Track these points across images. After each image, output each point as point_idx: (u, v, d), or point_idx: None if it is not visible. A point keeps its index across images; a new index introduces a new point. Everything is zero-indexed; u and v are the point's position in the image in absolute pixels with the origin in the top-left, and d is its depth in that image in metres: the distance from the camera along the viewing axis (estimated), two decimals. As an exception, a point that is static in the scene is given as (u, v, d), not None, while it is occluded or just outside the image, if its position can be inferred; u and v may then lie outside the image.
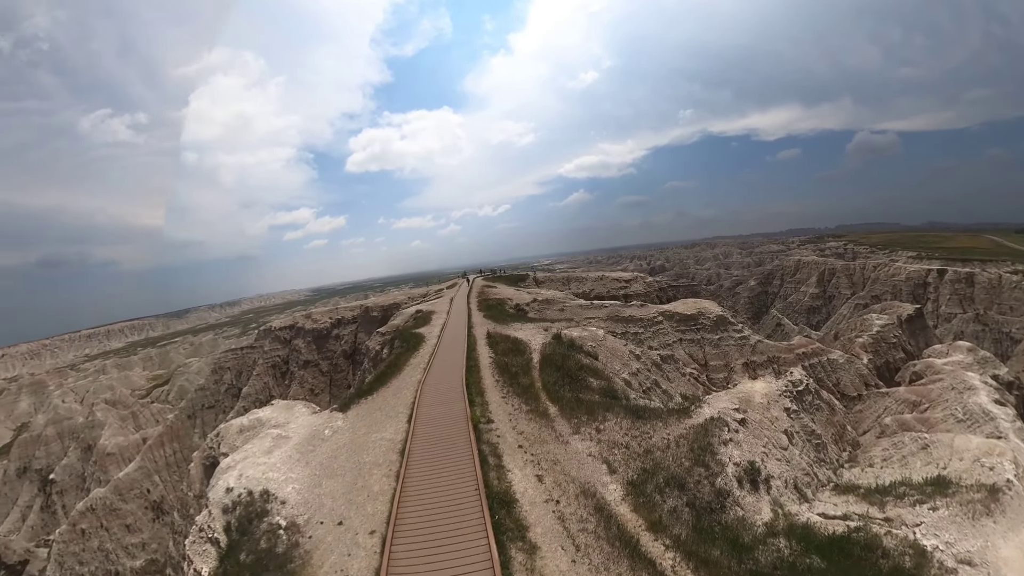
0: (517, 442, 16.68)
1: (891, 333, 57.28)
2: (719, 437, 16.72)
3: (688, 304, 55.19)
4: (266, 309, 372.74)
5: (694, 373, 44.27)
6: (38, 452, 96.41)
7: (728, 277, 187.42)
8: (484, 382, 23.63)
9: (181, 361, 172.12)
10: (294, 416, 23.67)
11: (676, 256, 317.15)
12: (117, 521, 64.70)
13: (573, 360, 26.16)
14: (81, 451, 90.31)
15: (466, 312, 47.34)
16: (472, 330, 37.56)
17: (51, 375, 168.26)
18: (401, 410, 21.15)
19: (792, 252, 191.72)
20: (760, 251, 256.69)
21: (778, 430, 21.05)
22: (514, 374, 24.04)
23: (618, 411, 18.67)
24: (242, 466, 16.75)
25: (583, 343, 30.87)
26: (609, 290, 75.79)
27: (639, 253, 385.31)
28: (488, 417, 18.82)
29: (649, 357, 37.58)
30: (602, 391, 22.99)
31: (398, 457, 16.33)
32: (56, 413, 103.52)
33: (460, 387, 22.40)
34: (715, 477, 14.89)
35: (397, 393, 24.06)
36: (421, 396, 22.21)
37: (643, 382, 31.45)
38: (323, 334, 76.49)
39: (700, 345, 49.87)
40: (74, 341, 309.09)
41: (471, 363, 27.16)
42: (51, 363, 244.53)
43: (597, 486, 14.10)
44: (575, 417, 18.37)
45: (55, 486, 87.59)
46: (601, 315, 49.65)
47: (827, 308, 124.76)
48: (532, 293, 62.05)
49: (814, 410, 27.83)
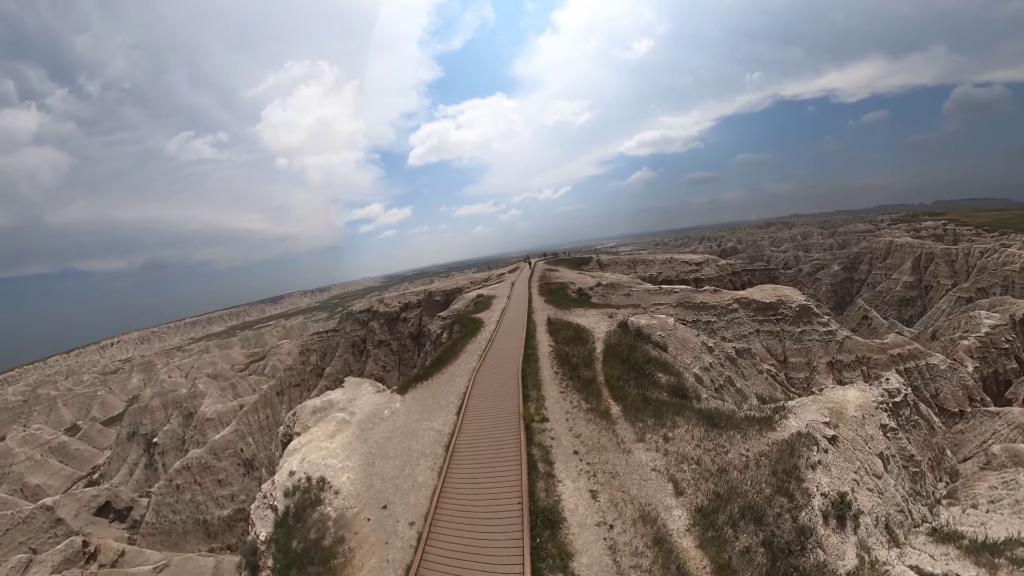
0: (572, 447, 15.03)
1: (1002, 337, 49.71)
2: (806, 459, 14.13)
3: (767, 291, 50.49)
4: (349, 295, 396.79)
5: (771, 370, 40.40)
6: (145, 419, 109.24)
7: (808, 261, 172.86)
8: (542, 374, 22.10)
9: (275, 342, 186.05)
10: (360, 394, 24.59)
11: (749, 237, 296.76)
12: (210, 477, 73.82)
13: (640, 351, 23.95)
14: (182, 418, 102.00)
15: (527, 297, 45.84)
16: (532, 316, 36.05)
17: (159, 355, 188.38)
18: (452, 399, 20.57)
19: (882, 233, 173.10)
20: (844, 231, 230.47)
21: (872, 452, 17.75)
22: (575, 366, 22.29)
23: (690, 416, 16.44)
24: (306, 450, 17.54)
25: (651, 332, 28.39)
26: (678, 274, 71.64)
27: (708, 234, 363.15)
28: (543, 415, 17.29)
29: (723, 350, 34.55)
30: (671, 389, 20.78)
31: (443, 452, 15.71)
32: (162, 386, 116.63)
33: (515, 379, 21.05)
34: (799, 510, 12.42)
35: (451, 380, 23.51)
36: (473, 386, 21.26)
37: (715, 379, 28.73)
38: (393, 317, 78.69)
39: (779, 338, 45.54)
40: (179, 328, 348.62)
41: (529, 352, 25.72)
42: (159, 347, 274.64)
43: (660, 510, 12.17)
44: (640, 420, 16.40)
45: (157, 448, 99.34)
46: (670, 301, 46.61)
47: (923, 300, 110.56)
48: (596, 277, 59.24)
49: (911, 427, 23.91)
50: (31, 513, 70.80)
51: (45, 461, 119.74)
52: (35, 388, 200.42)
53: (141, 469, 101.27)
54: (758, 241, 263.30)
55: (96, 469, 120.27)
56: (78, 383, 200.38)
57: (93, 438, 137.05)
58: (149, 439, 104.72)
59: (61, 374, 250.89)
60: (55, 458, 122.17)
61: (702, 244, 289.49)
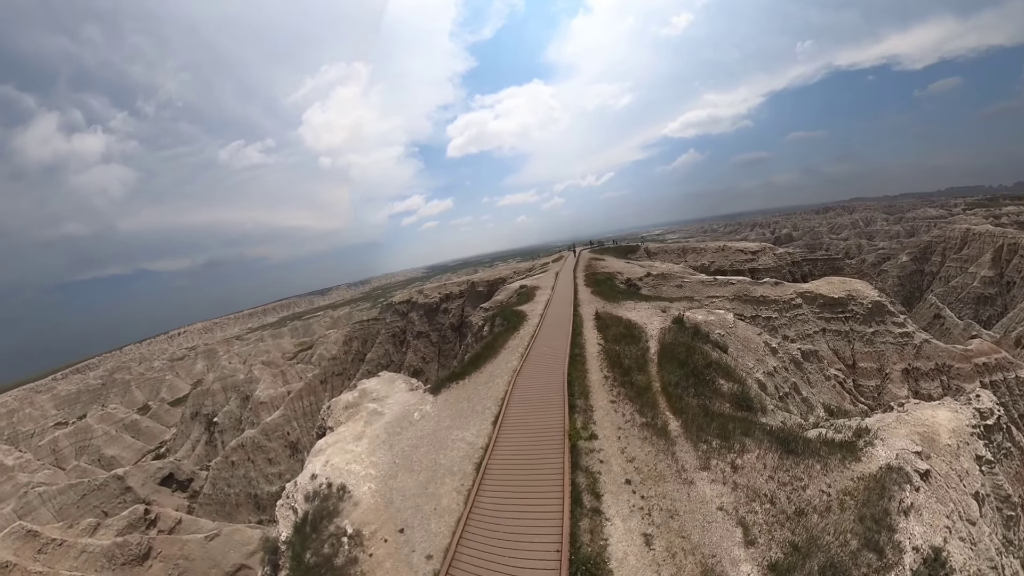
0: (624, 474, 12.83)
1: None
2: (898, 501, 11.47)
3: (834, 284, 45.71)
4: (391, 286, 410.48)
5: (839, 376, 36.48)
6: (207, 401, 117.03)
7: (872, 250, 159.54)
8: (590, 378, 19.76)
9: (322, 332, 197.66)
10: (393, 391, 23.49)
11: (805, 223, 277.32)
12: (261, 455, 79.28)
13: (699, 353, 21.31)
14: (240, 400, 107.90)
15: (572, 287, 43.12)
16: (578, 308, 33.53)
17: (220, 344, 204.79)
18: (489, 405, 18.71)
19: (956, 219, 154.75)
20: (912, 217, 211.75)
21: (967, 492, 14.71)
22: (627, 369, 19.84)
23: (760, 437, 13.91)
24: (331, 451, 16.80)
25: (710, 330, 25.56)
26: (732, 263, 67.01)
27: (760, 220, 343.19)
28: (591, 431, 15.07)
29: (787, 352, 31.35)
30: (735, 399, 18.22)
31: (472, 472, 13.86)
32: (222, 372, 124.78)
33: (560, 384, 18.80)
34: (888, 571, 9.96)
35: (489, 381, 21.60)
36: (513, 391, 19.22)
37: (780, 385, 25.66)
38: (433, 308, 77.98)
39: (848, 339, 41.24)
40: (238, 319, 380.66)
41: (575, 351, 23.34)
42: (220, 336, 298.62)
43: (726, 564, 9.89)
44: (703, 439, 14.01)
45: (217, 427, 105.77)
46: (726, 294, 43.10)
47: (1003, 299, 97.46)
48: (645, 266, 55.75)
49: (1002, 456, 20.52)
50: (104, 481, 78.26)
51: (119, 436, 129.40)
52: (112, 373, 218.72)
53: (202, 445, 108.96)
54: (815, 228, 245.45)
55: (163, 444, 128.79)
56: (149, 369, 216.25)
57: (161, 417, 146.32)
58: (210, 419, 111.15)
59: (135, 361, 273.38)
60: (128, 434, 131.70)
61: (754, 231, 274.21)
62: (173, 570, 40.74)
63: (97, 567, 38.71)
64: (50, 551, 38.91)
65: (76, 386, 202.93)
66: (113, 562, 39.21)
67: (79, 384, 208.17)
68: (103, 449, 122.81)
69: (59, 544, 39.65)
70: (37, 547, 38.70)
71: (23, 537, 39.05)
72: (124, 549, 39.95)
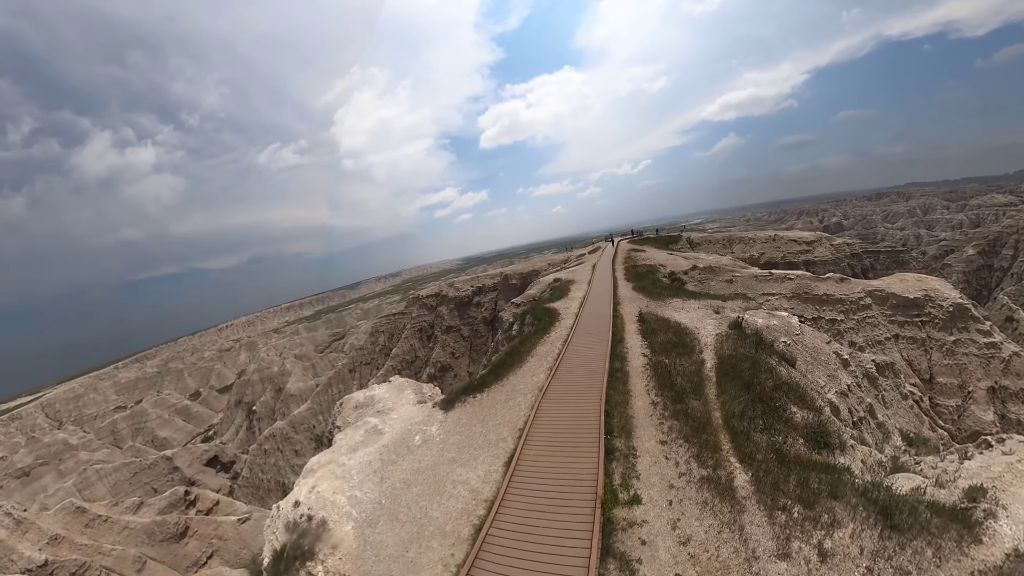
0: (675, 563, 9.13)
1: None
2: None
3: (908, 282, 39.66)
4: (423, 278, 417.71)
5: (914, 392, 31.18)
6: (247, 391, 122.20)
7: (932, 242, 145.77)
8: (633, 404, 15.72)
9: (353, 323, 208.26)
10: (400, 402, 21.16)
11: (856, 210, 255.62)
12: (289, 447, 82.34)
13: (765, 369, 17.24)
14: (274, 391, 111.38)
15: (611, 281, 38.45)
16: (618, 307, 29.08)
17: (261, 336, 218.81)
18: (504, 434, 15.30)
19: None
20: (977, 204, 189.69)
21: None
22: (679, 391, 15.87)
23: (851, 499, 10.06)
24: (321, 473, 15.12)
25: (774, 338, 21.16)
26: (784, 255, 60.63)
27: (807, 207, 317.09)
28: (632, 491, 11.24)
29: (860, 364, 26.46)
30: (810, 432, 14.16)
31: (469, 537, 10.59)
32: (260, 363, 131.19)
33: (595, 412, 14.84)
34: None
35: (510, 399, 18.14)
36: (536, 419, 15.47)
37: (854, 408, 20.99)
38: (464, 302, 75.02)
39: (925, 348, 35.50)
40: (277, 312, 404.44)
41: (616, 364, 19.06)
42: (261, 328, 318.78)
43: None
44: (780, 504, 10.18)
45: (255, 415, 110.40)
46: (784, 291, 37.81)
47: None
48: (690, 258, 50.21)
49: None
50: (154, 461, 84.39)
51: (171, 419, 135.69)
52: (167, 362, 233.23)
53: (244, 431, 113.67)
54: (868, 216, 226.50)
55: (211, 428, 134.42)
56: (200, 358, 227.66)
57: (210, 402, 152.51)
58: (249, 407, 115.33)
59: (187, 351, 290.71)
60: (179, 417, 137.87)
61: (800, 220, 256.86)
62: (207, 548, 42.62)
63: (138, 543, 40.93)
64: (96, 526, 41.38)
65: (135, 374, 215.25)
66: (153, 538, 41.47)
67: (138, 372, 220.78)
68: (156, 431, 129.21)
69: (104, 520, 42.17)
70: (85, 522, 41.25)
71: (72, 513, 41.74)
72: (163, 527, 42.06)
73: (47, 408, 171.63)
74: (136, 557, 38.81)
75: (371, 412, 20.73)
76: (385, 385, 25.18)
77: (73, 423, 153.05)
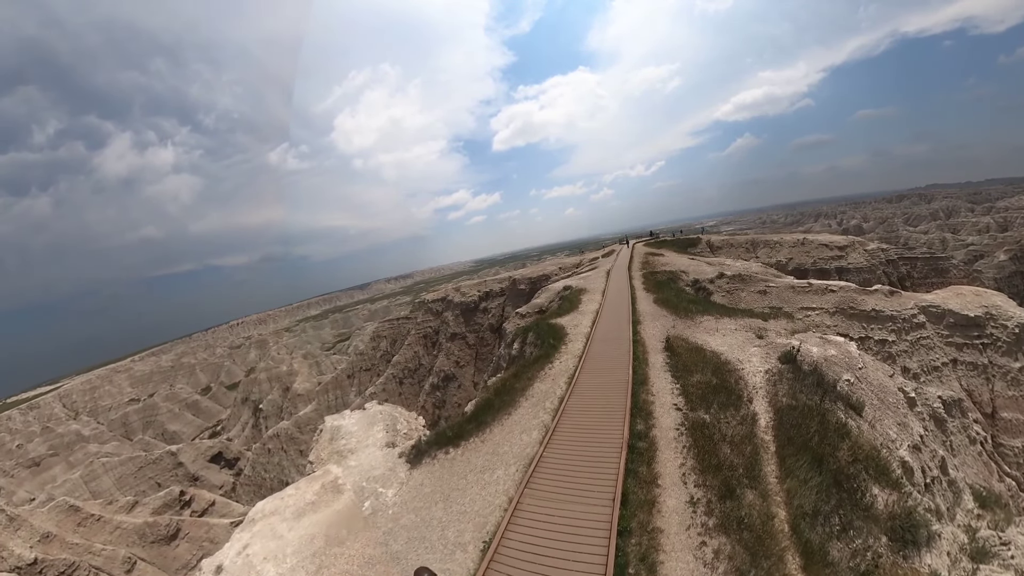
0: None
1: None
2: None
3: (965, 297, 33.93)
4: (434, 280, 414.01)
5: (980, 433, 25.60)
6: (255, 389, 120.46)
7: (959, 246, 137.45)
8: (661, 507, 9.84)
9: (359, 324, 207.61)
10: (367, 441, 17.67)
11: (877, 213, 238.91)
12: (293, 446, 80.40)
13: (834, 428, 12.10)
14: (281, 390, 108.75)
15: (628, 291, 32.22)
16: (638, 328, 23.02)
17: (271, 335, 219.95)
18: (467, 538, 10.02)
19: None
20: (1004, 207, 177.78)
21: None
22: (728, 477, 10.39)
23: None
24: (258, 530, 12.50)
25: (836, 376, 15.83)
26: (814, 261, 54.36)
27: (825, 209, 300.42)
28: None
29: (928, 404, 21.27)
30: (894, 526, 9.70)
31: None
32: (269, 362, 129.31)
33: (603, 525, 8.95)
34: None
35: (484, 472, 12.57)
36: (511, 526, 9.68)
37: (928, 467, 15.20)
38: (471, 307, 70.19)
39: (986, 376, 29.81)
40: (287, 311, 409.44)
41: (638, 427, 13.10)
42: (272, 327, 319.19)
43: None
44: None
45: (262, 413, 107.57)
46: (826, 305, 31.87)
47: None
48: (714, 264, 44.25)
49: None
50: (159, 456, 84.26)
51: (182, 413, 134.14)
52: (180, 357, 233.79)
53: (249, 428, 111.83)
54: (889, 218, 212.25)
55: (219, 423, 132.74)
56: (212, 355, 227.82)
57: (219, 398, 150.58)
58: (256, 404, 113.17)
59: (201, 347, 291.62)
60: (189, 412, 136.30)
61: (818, 222, 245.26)
62: (198, 551, 41.26)
63: (129, 543, 39.79)
64: (88, 525, 40.45)
65: (150, 367, 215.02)
66: (144, 539, 40.38)
67: (152, 366, 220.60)
68: (166, 424, 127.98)
69: (97, 519, 41.30)
70: (77, 521, 40.23)
71: (66, 511, 40.77)
72: (154, 528, 41.20)
73: (64, 399, 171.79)
74: (126, 558, 37.50)
75: (336, 452, 17.37)
76: (357, 414, 21.16)
77: (88, 414, 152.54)
